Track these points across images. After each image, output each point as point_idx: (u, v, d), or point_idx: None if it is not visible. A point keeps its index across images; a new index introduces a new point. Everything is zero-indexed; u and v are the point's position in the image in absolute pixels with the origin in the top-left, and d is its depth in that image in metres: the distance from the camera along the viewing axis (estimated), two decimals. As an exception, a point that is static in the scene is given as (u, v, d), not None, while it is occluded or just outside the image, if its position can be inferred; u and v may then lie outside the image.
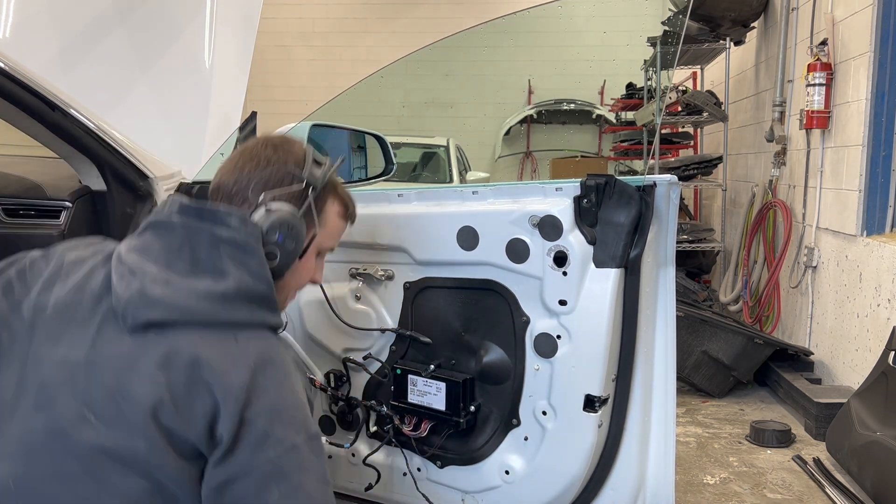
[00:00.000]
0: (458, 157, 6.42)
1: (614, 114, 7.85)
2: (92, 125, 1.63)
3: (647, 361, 1.43)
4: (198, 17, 2.39)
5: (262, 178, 1.11)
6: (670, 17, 5.49)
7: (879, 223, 3.45)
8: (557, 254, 1.37)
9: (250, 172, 1.11)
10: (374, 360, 1.63)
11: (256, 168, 1.11)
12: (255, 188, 1.10)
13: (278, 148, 1.14)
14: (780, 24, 4.51)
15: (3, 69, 1.42)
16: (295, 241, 1.10)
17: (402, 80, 8.46)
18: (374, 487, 1.65)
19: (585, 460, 1.41)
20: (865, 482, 2.66)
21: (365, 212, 1.58)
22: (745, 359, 3.83)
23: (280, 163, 1.12)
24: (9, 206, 1.82)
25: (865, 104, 3.43)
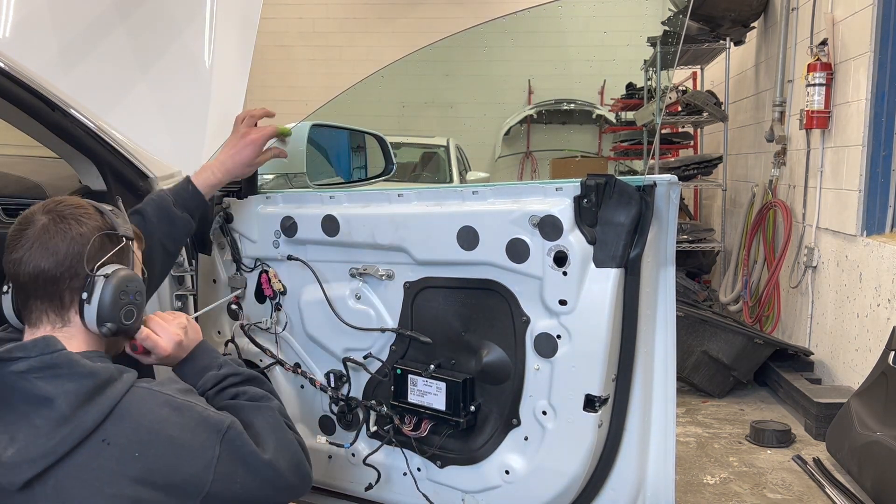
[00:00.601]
0: (458, 157, 6.41)
1: (614, 114, 7.85)
2: (92, 125, 1.63)
3: (647, 361, 1.42)
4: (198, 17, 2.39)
5: (82, 250, 1.13)
6: (670, 17, 5.49)
7: (879, 223, 3.45)
8: (557, 254, 1.37)
9: (66, 249, 1.13)
10: (375, 359, 1.63)
11: (69, 244, 1.13)
12: (81, 262, 1.13)
13: (71, 217, 1.15)
14: (780, 24, 4.51)
15: (3, 69, 1.42)
16: (142, 293, 1.19)
17: (402, 80, 8.45)
18: (374, 487, 1.65)
19: (585, 460, 1.40)
20: (865, 482, 2.66)
21: (365, 212, 1.59)
22: (745, 359, 3.83)
23: (85, 230, 1.15)
24: (9, 206, 1.82)
25: (865, 104, 3.44)
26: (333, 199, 1.64)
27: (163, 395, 1.12)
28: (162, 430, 1.08)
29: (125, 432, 1.06)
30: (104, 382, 1.08)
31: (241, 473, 1.14)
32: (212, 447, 1.11)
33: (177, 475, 1.08)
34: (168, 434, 1.08)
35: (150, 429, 1.07)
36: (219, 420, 1.14)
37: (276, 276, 1.72)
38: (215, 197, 1.78)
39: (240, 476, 1.14)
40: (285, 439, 1.23)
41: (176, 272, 1.83)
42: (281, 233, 1.69)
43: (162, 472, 1.07)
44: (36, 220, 1.15)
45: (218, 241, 1.79)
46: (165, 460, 1.07)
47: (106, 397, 1.06)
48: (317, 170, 2.08)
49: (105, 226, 1.18)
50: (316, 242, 1.65)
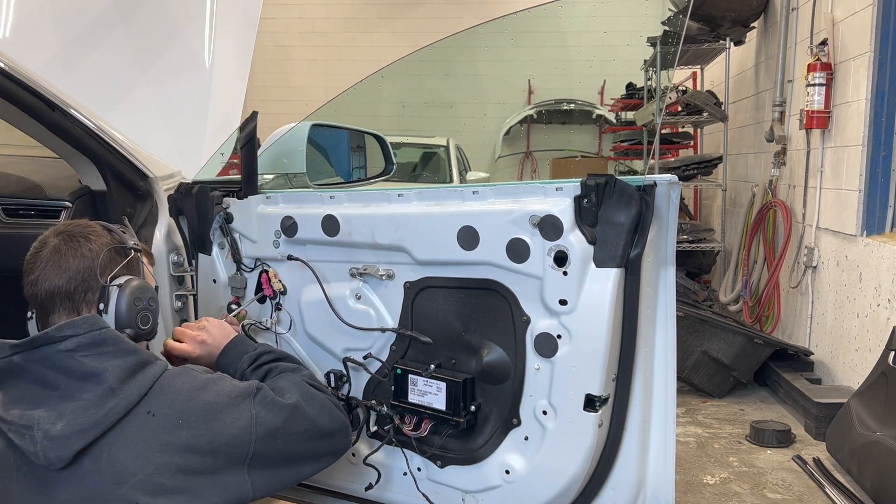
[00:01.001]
0: (458, 157, 6.42)
1: (614, 114, 7.85)
2: (92, 125, 1.63)
3: (648, 361, 1.42)
4: (198, 16, 2.39)
5: (93, 265, 1.22)
6: (670, 17, 5.49)
7: (879, 223, 3.45)
8: (558, 253, 1.37)
9: (78, 265, 1.21)
10: (375, 359, 1.63)
11: (79, 259, 1.22)
12: (95, 275, 1.21)
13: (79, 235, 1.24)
14: (780, 24, 4.51)
15: (3, 69, 1.42)
16: (154, 297, 1.28)
17: (402, 80, 8.46)
18: (375, 487, 1.65)
19: (586, 460, 1.40)
20: (865, 482, 2.66)
21: (365, 212, 1.59)
22: (745, 359, 3.83)
23: (95, 246, 1.24)
24: (9, 206, 1.82)
25: (865, 104, 3.44)
26: (333, 199, 1.64)
27: (194, 372, 1.22)
28: (200, 398, 1.16)
29: (167, 402, 1.14)
30: (145, 361, 1.16)
31: (280, 429, 1.22)
32: (247, 408, 1.19)
33: (220, 439, 1.15)
34: (206, 401, 1.16)
35: (188, 398, 1.16)
36: (247, 385, 1.24)
37: (277, 276, 1.72)
38: (216, 196, 1.78)
39: (280, 432, 1.22)
40: (311, 394, 1.32)
41: (176, 272, 1.83)
42: (281, 233, 1.69)
43: (206, 437, 1.14)
44: (48, 243, 1.23)
45: (218, 241, 1.79)
46: (207, 426, 1.15)
47: (148, 373, 1.15)
48: (316, 170, 2.08)
49: (113, 241, 1.27)
50: (316, 242, 1.65)
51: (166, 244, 1.79)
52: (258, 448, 1.18)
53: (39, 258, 1.22)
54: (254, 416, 1.18)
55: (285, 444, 1.22)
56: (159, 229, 1.79)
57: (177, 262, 1.83)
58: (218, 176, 1.99)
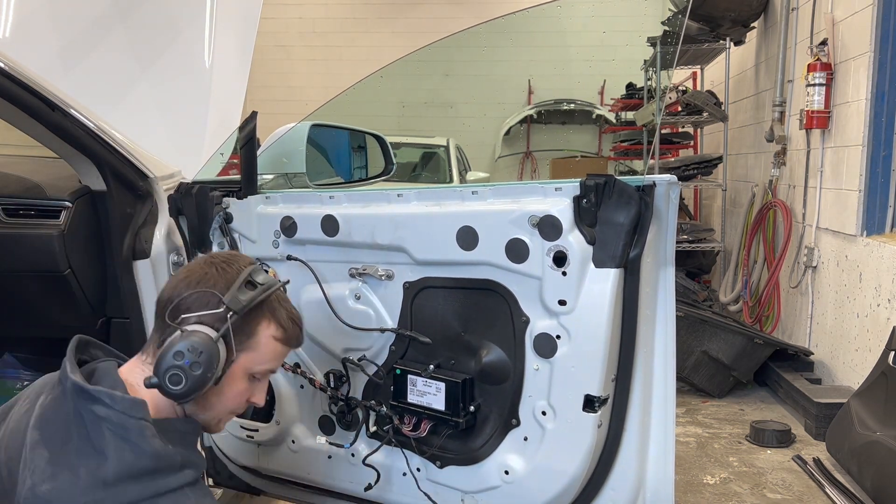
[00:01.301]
0: (458, 157, 6.42)
1: (614, 114, 7.85)
2: (92, 125, 1.63)
3: (647, 361, 1.42)
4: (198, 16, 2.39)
5: (189, 298, 1.13)
6: (670, 17, 5.48)
7: (879, 223, 3.45)
8: (557, 254, 1.37)
9: (183, 290, 1.14)
10: (374, 360, 1.63)
11: (188, 287, 1.14)
12: (181, 308, 1.12)
13: (218, 267, 1.16)
14: (780, 24, 4.51)
15: (3, 69, 1.42)
16: (204, 366, 1.09)
17: (402, 80, 8.45)
18: (374, 487, 1.65)
19: (585, 460, 1.40)
20: (865, 482, 2.66)
21: (364, 212, 1.59)
22: (745, 359, 3.83)
23: (210, 283, 1.14)
24: (9, 206, 1.82)
25: (865, 104, 3.43)
26: (333, 199, 1.64)
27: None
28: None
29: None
30: (159, 470, 1.05)
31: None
32: None
33: None
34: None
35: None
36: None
37: (276, 276, 1.72)
38: (215, 196, 1.78)
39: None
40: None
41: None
42: (280, 233, 1.69)
43: None
44: (204, 258, 1.21)
45: (217, 241, 1.79)
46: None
47: (151, 484, 1.04)
48: (316, 170, 2.08)
49: (223, 287, 1.14)
50: (315, 242, 1.65)
51: (166, 244, 1.79)
52: None
53: (186, 270, 1.18)
54: None
55: None
56: (159, 229, 1.79)
57: (177, 262, 1.83)
58: (218, 176, 1.99)
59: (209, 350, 1.09)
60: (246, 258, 1.23)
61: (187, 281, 1.15)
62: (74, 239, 1.77)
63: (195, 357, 1.08)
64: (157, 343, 1.13)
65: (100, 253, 1.81)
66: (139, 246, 1.76)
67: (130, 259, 1.76)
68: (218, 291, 1.13)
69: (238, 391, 1.18)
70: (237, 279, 1.15)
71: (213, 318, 1.12)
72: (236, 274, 1.16)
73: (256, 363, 1.18)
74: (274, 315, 1.19)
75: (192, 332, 1.10)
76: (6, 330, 1.99)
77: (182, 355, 1.08)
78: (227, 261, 1.19)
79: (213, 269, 1.16)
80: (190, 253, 1.84)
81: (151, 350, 1.15)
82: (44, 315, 1.88)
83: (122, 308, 1.80)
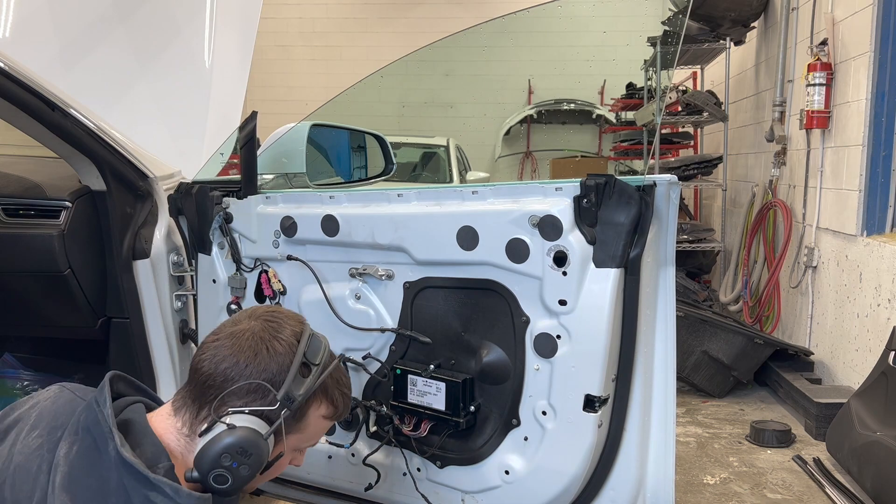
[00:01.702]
0: (458, 157, 6.41)
1: (614, 114, 7.85)
2: (92, 125, 1.63)
3: (647, 361, 1.42)
4: (198, 16, 2.39)
5: (239, 388, 1.02)
6: (670, 17, 5.48)
7: (879, 223, 3.45)
8: (557, 254, 1.37)
9: (230, 372, 1.02)
10: (374, 360, 1.63)
11: (235, 368, 1.02)
12: (228, 398, 1.02)
13: (268, 346, 1.04)
14: (780, 24, 4.51)
15: (3, 69, 1.42)
16: (252, 467, 1.01)
17: (402, 80, 8.45)
18: (374, 487, 1.65)
19: (585, 460, 1.40)
20: (865, 482, 2.66)
21: (365, 212, 1.59)
22: (745, 359, 3.83)
23: (261, 368, 1.03)
24: (9, 206, 1.82)
25: (865, 104, 3.43)
26: (333, 199, 1.64)
27: None
28: None
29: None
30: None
31: None
32: None
33: None
34: None
35: None
36: None
37: (276, 276, 1.72)
38: (215, 196, 1.78)
39: None
40: None
41: (176, 272, 1.83)
42: (281, 233, 1.69)
43: None
44: (243, 322, 1.07)
45: (217, 241, 1.79)
46: None
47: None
48: (316, 170, 2.08)
49: (276, 376, 1.03)
50: (316, 242, 1.65)
51: (166, 244, 1.80)
52: None
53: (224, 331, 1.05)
54: None
55: None
56: (159, 229, 1.79)
57: (177, 262, 1.83)
58: (218, 176, 1.99)
59: (259, 450, 1.01)
60: (294, 322, 1.09)
61: (235, 359, 1.03)
62: (74, 239, 1.77)
63: (244, 459, 1.00)
64: (197, 418, 1.03)
65: (100, 253, 1.81)
66: (139, 246, 1.76)
67: (130, 259, 1.76)
68: (269, 381, 1.02)
69: (279, 469, 1.11)
70: (291, 365, 1.04)
71: (265, 411, 1.02)
72: (289, 353, 1.04)
73: (302, 442, 1.12)
74: (326, 394, 1.10)
75: (242, 429, 1.00)
76: (6, 330, 1.99)
77: (230, 457, 0.99)
78: (275, 331, 1.05)
79: (265, 349, 1.04)
80: (190, 253, 1.84)
81: (188, 419, 1.04)
82: (44, 315, 1.88)
83: (122, 308, 1.80)
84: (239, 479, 1.01)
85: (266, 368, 1.03)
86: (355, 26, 8.96)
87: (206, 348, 1.05)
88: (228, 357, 1.03)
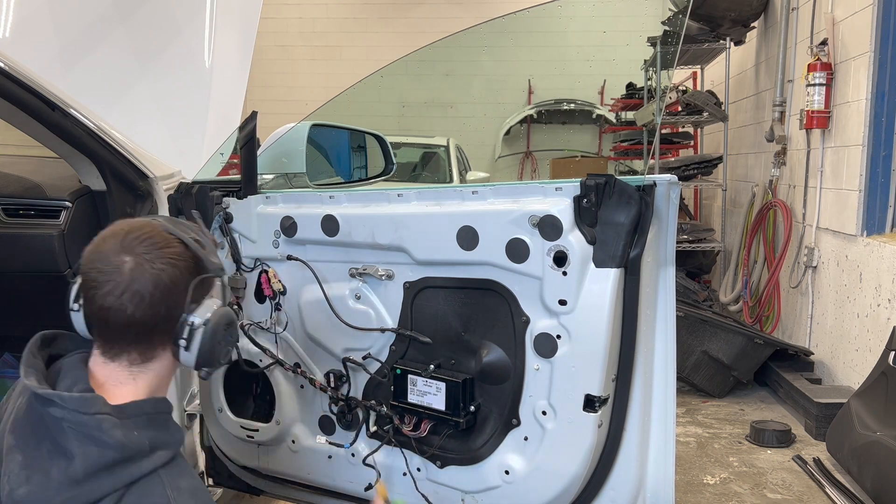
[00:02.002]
0: (458, 157, 6.41)
1: (614, 114, 7.85)
2: (92, 125, 1.63)
3: (647, 361, 1.42)
4: (198, 16, 2.39)
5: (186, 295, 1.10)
6: (670, 17, 5.48)
7: (879, 223, 3.45)
8: (557, 254, 1.37)
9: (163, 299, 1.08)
10: (374, 360, 1.62)
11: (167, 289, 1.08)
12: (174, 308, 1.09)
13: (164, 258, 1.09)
14: (780, 24, 4.51)
15: (3, 69, 1.42)
16: (234, 324, 1.18)
17: (402, 80, 8.45)
18: (374, 487, 1.65)
19: (585, 460, 1.40)
20: (865, 482, 2.66)
21: (365, 212, 1.59)
22: (745, 359, 3.83)
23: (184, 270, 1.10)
24: (9, 206, 1.82)
25: (865, 104, 3.43)
26: (333, 199, 1.64)
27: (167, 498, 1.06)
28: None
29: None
30: (128, 458, 1.04)
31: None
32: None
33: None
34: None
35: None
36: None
37: (276, 276, 1.72)
38: (215, 196, 1.78)
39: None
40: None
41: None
42: (281, 233, 1.69)
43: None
44: (121, 264, 1.07)
45: (218, 241, 1.79)
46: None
47: (123, 473, 1.03)
48: (316, 170, 2.08)
49: (197, 265, 1.12)
50: (316, 242, 1.65)
51: (166, 244, 1.79)
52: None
53: (115, 285, 1.06)
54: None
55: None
56: (159, 229, 1.79)
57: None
58: (218, 176, 1.99)
59: (232, 317, 1.17)
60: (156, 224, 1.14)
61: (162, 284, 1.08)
62: (74, 239, 1.77)
63: (231, 329, 1.16)
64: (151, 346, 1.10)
65: (100, 253, 1.81)
66: (139, 246, 1.76)
67: (130, 259, 1.76)
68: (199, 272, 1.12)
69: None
70: (196, 250, 1.13)
71: (211, 290, 1.16)
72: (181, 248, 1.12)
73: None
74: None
75: (214, 314, 1.12)
76: (6, 330, 1.99)
77: (222, 334, 1.13)
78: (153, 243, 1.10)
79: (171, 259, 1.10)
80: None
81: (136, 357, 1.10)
82: (44, 315, 1.88)
83: (121, 308, 1.79)
84: (235, 342, 1.21)
85: (187, 267, 1.11)
86: (355, 26, 8.96)
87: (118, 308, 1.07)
88: (154, 291, 1.07)
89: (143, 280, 1.06)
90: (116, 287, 1.06)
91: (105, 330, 1.10)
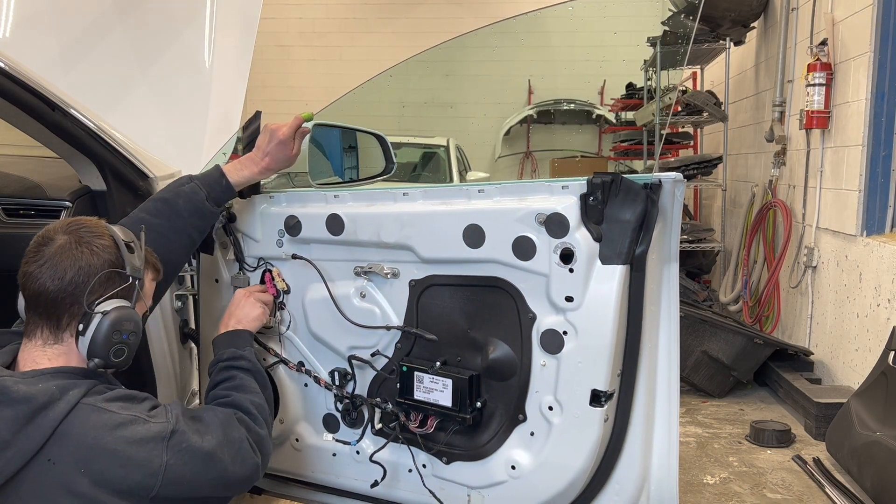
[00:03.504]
0: (458, 157, 6.41)
1: (614, 114, 7.86)
2: (92, 125, 1.63)
3: (652, 357, 1.43)
4: (198, 17, 2.38)
5: (91, 281, 1.17)
6: (670, 17, 5.49)
7: (879, 223, 3.45)
8: (564, 251, 1.37)
9: (76, 277, 1.16)
10: (382, 355, 1.62)
11: (80, 271, 1.17)
12: (90, 292, 1.17)
13: (95, 245, 1.19)
14: (780, 24, 4.52)
15: (3, 69, 1.42)
16: (136, 332, 1.21)
17: (403, 81, 8.46)
18: (380, 484, 1.65)
19: (591, 454, 1.41)
20: (865, 482, 2.66)
21: (370, 211, 1.58)
22: (745, 359, 3.83)
23: (102, 261, 1.19)
24: (9, 206, 1.82)
25: (865, 104, 3.44)
26: (338, 199, 1.64)
27: (106, 412, 1.14)
28: (107, 444, 1.11)
29: (69, 451, 1.09)
30: (42, 405, 1.09)
31: (188, 478, 1.18)
32: (158, 455, 1.14)
33: (124, 483, 1.12)
34: (112, 448, 1.11)
35: (94, 444, 1.10)
36: (162, 428, 1.17)
37: (280, 275, 1.72)
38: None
39: (186, 480, 1.18)
40: (231, 438, 1.27)
41: (177, 272, 1.82)
42: (285, 232, 1.69)
43: (109, 484, 1.11)
44: (55, 239, 1.18)
45: (220, 241, 1.79)
46: (111, 473, 1.11)
47: (45, 419, 1.09)
48: (318, 169, 2.08)
49: (116, 261, 1.20)
50: (320, 241, 1.65)
51: (167, 243, 1.78)
52: (161, 492, 1.14)
53: (41, 254, 1.17)
54: (163, 464, 1.14)
55: (190, 490, 1.19)
56: (160, 229, 1.78)
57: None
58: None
59: (135, 318, 1.21)
60: (94, 222, 1.24)
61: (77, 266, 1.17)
62: (75, 238, 1.76)
63: (131, 328, 1.20)
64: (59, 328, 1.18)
65: (100, 252, 1.80)
66: (140, 245, 1.76)
67: (131, 258, 1.75)
68: (113, 267, 1.19)
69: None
70: (121, 249, 1.21)
71: (121, 289, 1.21)
72: (113, 244, 1.21)
73: (143, 308, 1.29)
74: (149, 263, 1.30)
75: (113, 309, 1.18)
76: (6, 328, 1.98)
77: (119, 332, 1.18)
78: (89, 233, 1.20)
79: (94, 248, 1.19)
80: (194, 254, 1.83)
81: (47, 335, 1.18)
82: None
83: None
84: (133, 347, 1.22)
85: (105, 260, 1.19)
86: (355, 26, 8.96)
87: (35, 275, 1.17)
88: (69, 268, 1.17)
89: (63, 256, 1.17)
90: (41, 257, 1.17)
91: (24, 298, 1.20)
